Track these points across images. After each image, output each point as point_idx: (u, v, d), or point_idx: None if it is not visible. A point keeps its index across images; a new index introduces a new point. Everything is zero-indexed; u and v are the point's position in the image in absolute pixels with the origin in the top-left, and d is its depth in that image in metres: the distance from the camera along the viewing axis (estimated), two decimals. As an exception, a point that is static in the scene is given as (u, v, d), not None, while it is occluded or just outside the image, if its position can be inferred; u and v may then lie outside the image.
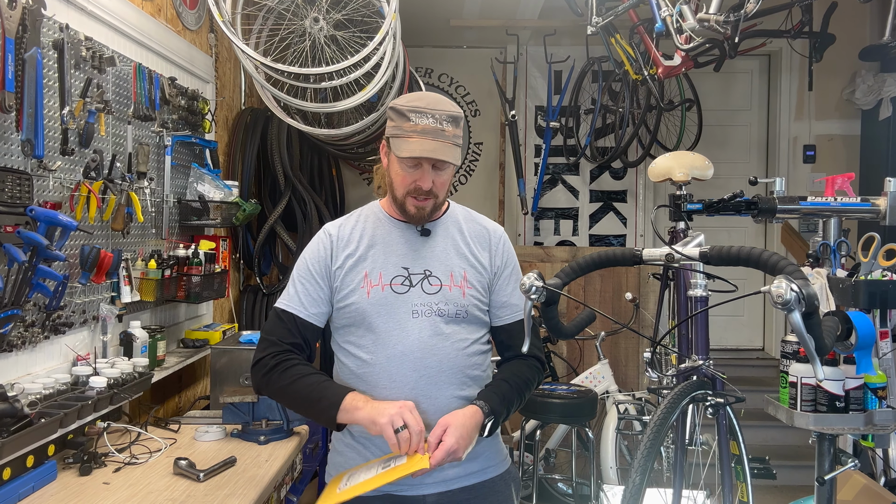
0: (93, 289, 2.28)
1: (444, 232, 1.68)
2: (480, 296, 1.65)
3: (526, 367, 1.67)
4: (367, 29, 3.48)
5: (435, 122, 1.53)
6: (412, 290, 1.60)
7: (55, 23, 2.06)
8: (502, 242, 1.72)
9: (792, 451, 4.44)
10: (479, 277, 1.65)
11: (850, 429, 1.90)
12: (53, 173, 2.04)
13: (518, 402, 1.64)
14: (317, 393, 1.53)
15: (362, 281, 1.60)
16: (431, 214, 1.63)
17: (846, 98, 5.35)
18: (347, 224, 1.69)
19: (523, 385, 1.65)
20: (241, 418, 2.29)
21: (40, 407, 1.83)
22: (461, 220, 1.72)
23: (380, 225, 1.68)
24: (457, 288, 1.61)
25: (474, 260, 1.66)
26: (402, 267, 1.62)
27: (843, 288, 1.94)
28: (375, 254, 1.63)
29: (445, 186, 1.62)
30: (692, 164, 2.84)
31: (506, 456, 1.73)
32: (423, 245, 1.65)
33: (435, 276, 1.62)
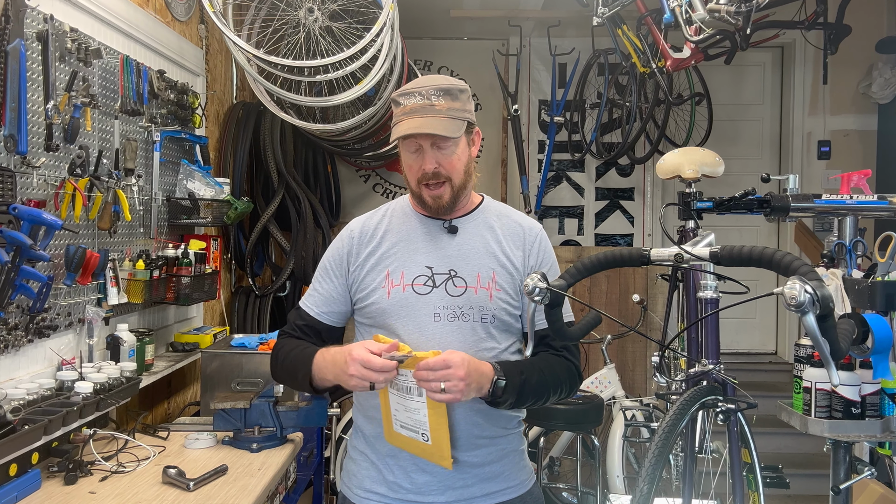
0: (78, 290, 2.28)
1: (473, 229, 1.63)
2: (511, 299, 1.59)
3: (556, 361, 1.60)
4: (363, 20, 3.48)
5: (422, 99, 1.53)
6: (435, 290, 1.56)
7: (39, 13, 2.06)
8: (538, 240, 1.65)
9: (806, 459, 4.44)
10: (509, 279, 1.59)
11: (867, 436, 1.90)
12: (37, 170, 2.04)
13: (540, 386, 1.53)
14: (295, 367, 1.57)
15: (384, 280, 1.58)
16: (454, 204, 1.59)
17: (862, 91, 5.35)
18: (373, 219, 1.68)
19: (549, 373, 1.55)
20: (232, 425, 2.29)
21: (24, 413, 1.83)
22: (493, 217, 1.66)
23: (406, 220, 1.65)
24: (483, 290, 1.56)
25: (505, 259, 1.60)
26: (426, 266, 1.58)
27: (859, 289, 1.94)
28: (399, 251, 1.60)
29: (457, 167, 1.56)
30: (702, 160, 2.84)
31: (529, 475, 1.68)
32: (450, 243, 1.60)
33: (460, 277, 1.57)
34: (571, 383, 1.62)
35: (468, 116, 1.57)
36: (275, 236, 3.99)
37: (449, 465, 1.47)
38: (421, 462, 1.55)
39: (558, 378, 1.58)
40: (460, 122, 1.54)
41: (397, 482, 1.57)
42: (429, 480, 1.55)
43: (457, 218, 1.63)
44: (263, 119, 3.94)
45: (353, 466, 1.66)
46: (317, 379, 1.53)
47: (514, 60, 5.40)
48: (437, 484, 1.55)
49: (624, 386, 3.81)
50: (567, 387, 1.61)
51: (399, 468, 1.57)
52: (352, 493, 1.63)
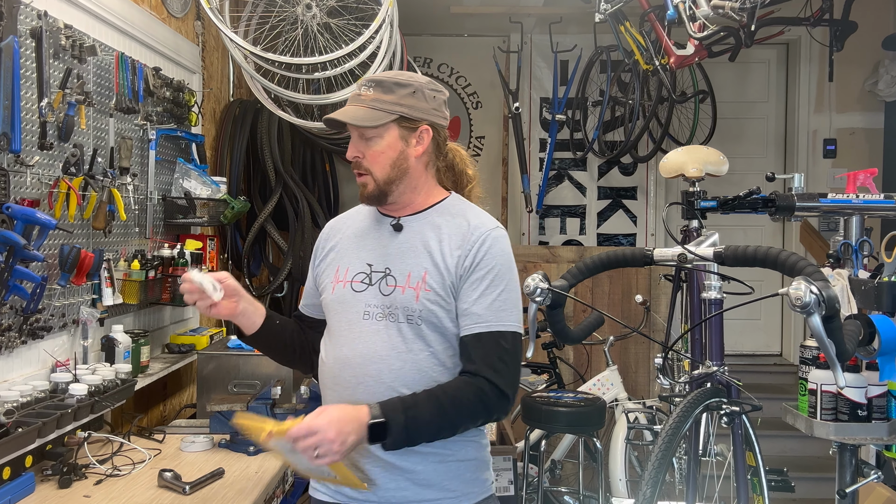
0: (73, 291, 2.28)
1: (417, 227, 1.60)
2: (441, 300, 1.51)
3: (464, 385, 1.47)
4: (362, 16, 3.48)
5: (356, 88, 1.59)
6: (369, 289, 1.56)
7: (33, 10, 2.06)
8: (481, 241, 1.54)
9: (812, 462, 4.44)
10: (440, 279, 1.52)
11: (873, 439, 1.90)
12: (31, 169, 2.04)
13: (440, 420, 1.44)
14: None
15: (333, 275, 1.63)
16: (382, 199, 1.58)
17: (868, 89, 5.35)
18: (344, 216, 1.75)
19: (449, 403, 1.44)
20: (229, 428, 2.29)
21: (17, 416, 1.83)
22: (446, 215, 1.60)
23: (365, 217, 1.68)
24: (411, 290, 1.52)
25: (440, 259, 1.53)
26: (367, 263, 1.59)
27: (865, 290, 1.94)
28: (348, 247, 1.65)
29: (379, 160, 1.55)
30: (706, 158, 2.84)
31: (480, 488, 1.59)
32: (392, 241, 1.60)
33: (392, 276, 1.55)
34: (487, 408, 1.48)
35: (402, 111, 1.55)
36: (272, 236, 3.98)
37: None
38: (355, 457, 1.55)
39: (465, 407, 1.46)
40: (382, 113, 1.54)
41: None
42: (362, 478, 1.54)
43: (406, 216, 1.62)
44: (261, 117, 3.94)
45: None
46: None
47: (515, 57, 5.40)
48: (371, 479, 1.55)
49: (627, 388, 3.81)
50: (482, 413, 1.49)
51: None
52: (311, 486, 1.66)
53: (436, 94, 1.62)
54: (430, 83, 1.62)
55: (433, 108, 1.60)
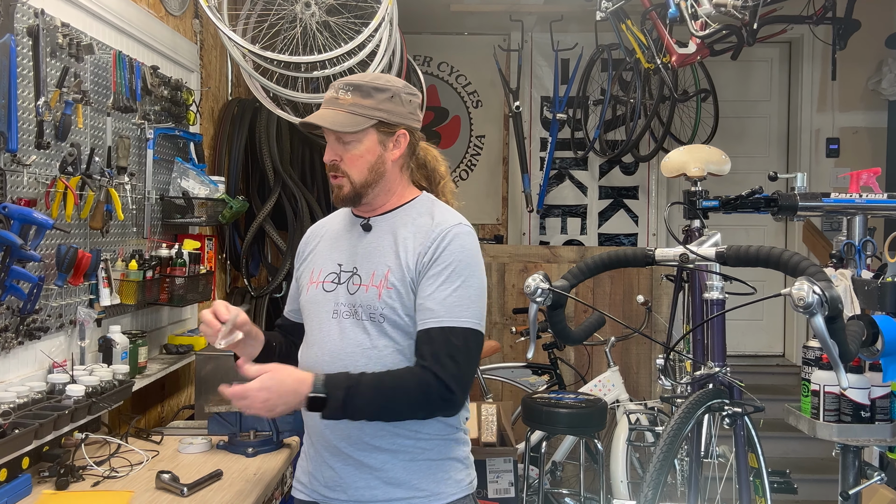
0: (70, 291, 2.28)
1: (385, 227, 1.63)
2: (403, 298, 1.54)
3: (409, 374, 1.49)
4: (361, 14, 3.47)
5: (332, 92, 1.60)
6: (339, 287, 1.61)
7: (30, 8, 2.06)
8: (441, 237, 1.54)
9: (814, 463, 4.44)
10: (401, 276, 1.54)
11: (877, 440, 1.90)
12: (28, 168, 2.04)
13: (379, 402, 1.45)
14: None
15: (308, 277, 1.67)
16: (357, 201, 1.62)
17: (872, 88, 5.35)
18: (325, 220, 1.79)
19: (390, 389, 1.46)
20: (227, 429, 2.29)
21: (14, 417, 1.83)
22: (414, 215, 1.62)
23: (339, 220, 1.73)
24: (374, 288, 1.56)
25: (403, 256, 1.56)
26: (337, 263, 1.64)
27: (868, 290, 1.94)
28: (323, 249, 1.69)
29: (357, 164, 1.58)
30: (708, 158, 2.85)
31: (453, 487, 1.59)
32: (361, 241, 1.64)
33: (358, 275, 1.60)
34: (429, 401, 1.48)
35: (381, 115, 1.57)
36: (271, 236, 3.98)
37: None
38: (329, 457, 1.59)
39: (406, 396, 1.47)
40: (362, 118, 1.56)
41: (314, 473, 1.63)
42: (331, 476, 1.59)
43: (376, 216, 1.65)
44: (259, 116, 3.94)
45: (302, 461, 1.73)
46: None
47: (515, 56, 5.40)
48: (339, 481, 1.58)
49: (628, 389, 3.81)
50: (423, 404, 1.49)
51: (318, 458, 1.62)
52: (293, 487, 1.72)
53: (412, 98, 1.64)
54: (407, 87, 1.64)
55: (409, 112, 1.63)
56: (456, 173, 5.74)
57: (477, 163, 5.74)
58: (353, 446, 1.56)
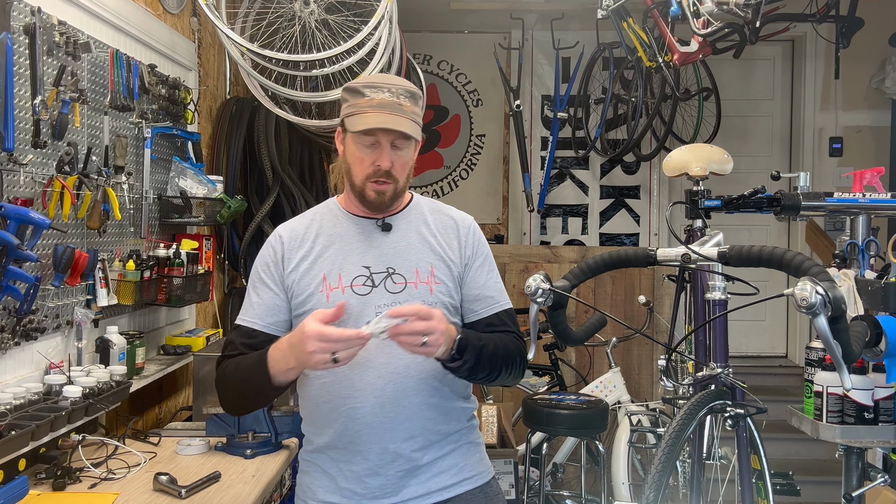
0: (67, 291, 2.28)
1: (407, 225, 1.66)
2: (451, 291, 1.62)
3: (509, 339, 1.62)
4: (361, 12, 3.47)
5: (392, 96, 1.56)
6: (375, 290, 1.58)
7: (26, 6, 2.06)
8: (472, 231, 1.69)
9: (817, 465, 4.44)
10: (447, 272, 1.62)
11: (880, 442, 1.90)
12: (24, 167, 2.04)
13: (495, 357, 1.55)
14: (249, 374, 1.52)
15: (320, 284, 1.59)
16: (392, 203, 1.63)
17: (875, 86, 5.35)
18: (301, 223, 1.69)
19: (502, 347, 1.58)
20: (225, 430, 2.29)
21: (10, 418, 1.83)
22: (426, 212, 1.69)
23: (337, 222, 1.67)
24: (423, 285, 1.59)
25: (442, 251, 1.63)
26: (363, 266, 1.60)
27: (872, 290, 1.94)
28: (333, 253, 1.62)
29: (406, 169, 1.61)
30: (710, 157, 2.84)
31: (488, 467, 1.70)
32: (385, 241, 1.63)
33: (399, 274, 1.60)
34: (521, 365, 1.64)
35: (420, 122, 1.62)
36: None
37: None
38: (374, 466, 1.56)
39: (511, 354, 1.60)
40: (419, 125, 1.59)
41: (350, 488, 1.58)
42: (383, 483, 1.57)
43: (390, 216, 1.66)
44: (258, 115, 3.94)
45: (305, 479, 1.66)
46: (276, 373, 1.48)
47: (516, 54, 5.40)
48: (391, 486, 1.57)
49: (629, 390, 3.81)
50: (518, 367, 1.63)
51: (352, 473, 1.58)
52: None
53: None
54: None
55: None
56: (456, 172, 5.75)
57: (477, 162, 5.74)
58: (414, 441, 1.56)
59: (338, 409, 1.57)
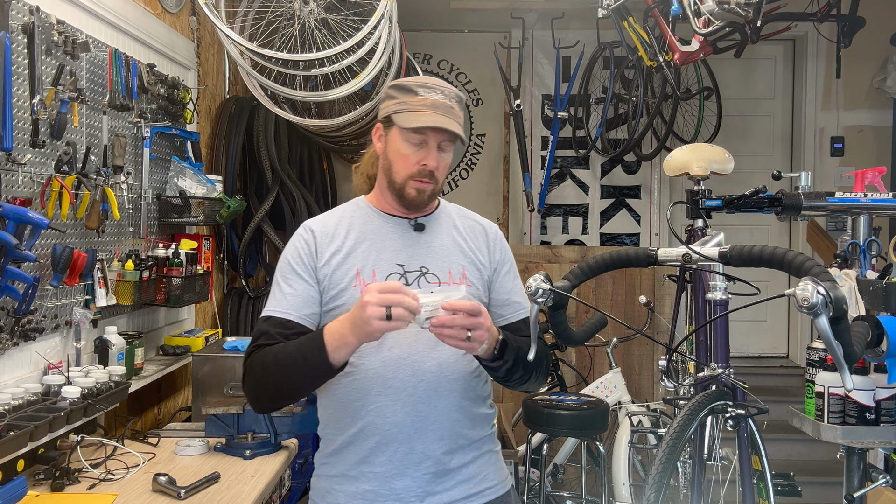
0: (65, 292, 2.28)
1: (438, 227, 1.68)
2: (481, 294, 1.65)
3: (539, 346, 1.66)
4: (360, 11, 3.48)
5: (445, 98, 1.59)
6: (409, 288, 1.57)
7: (25, 5, 2.06)
8: (499, 238, 1.74)
9: (819, 466, 4.44)
10: (478, 275, 1.65)
11: (882, 442, 1.90)
12: (23, 167, 2.04)
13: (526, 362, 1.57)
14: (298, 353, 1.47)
15: (353, 279, 1.58)
16: (428, 203, 1.65)
17: (877, 86, 5.35)
18: (330, 219, 1.68)
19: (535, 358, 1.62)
20: (225, 431, 2.29)
21: (9, 419, 1.83)
22: (454, 216, 1.73)
23: (368, 219, 1.67)
24: (456, 285, 1.61)
25: (472, 255, 1.67)
26: (397, 264, 1.61)
27: (873, 291, 1.94)
28: (366, 249, 1.62)
29: (445, 172, 1.64)
30: (711, 157, 2.84)
31: (507, 476, 1.71)
32: (418, 241, 1.65)
33: (432, 274, 1.61)
34: (547, 370, 1.70)
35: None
36: (269, 236, 3.98)
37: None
38: (401, 466, 1.54)
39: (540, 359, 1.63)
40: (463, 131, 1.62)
41: (374, 490, 1.55)
42: (408, 485, 1.55)
43: (422, 216, 1.68)
44: (257, 114, 3.94)
45: (323, 483, 1.63)
46: (334, 352, 1.43)
47: (516, 54, 5.40)
48: (417, 489, 1.55)
49: (630, 391, 3.81)
50: (544, 372, 1.68)
51: (374, 475, 1.56)
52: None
53: None
54: None
55: None
56: (456, 172, 5.75)
57: (477, 161, 5.74)
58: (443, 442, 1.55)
59: (366, 406, 1.54)
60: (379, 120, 1.65)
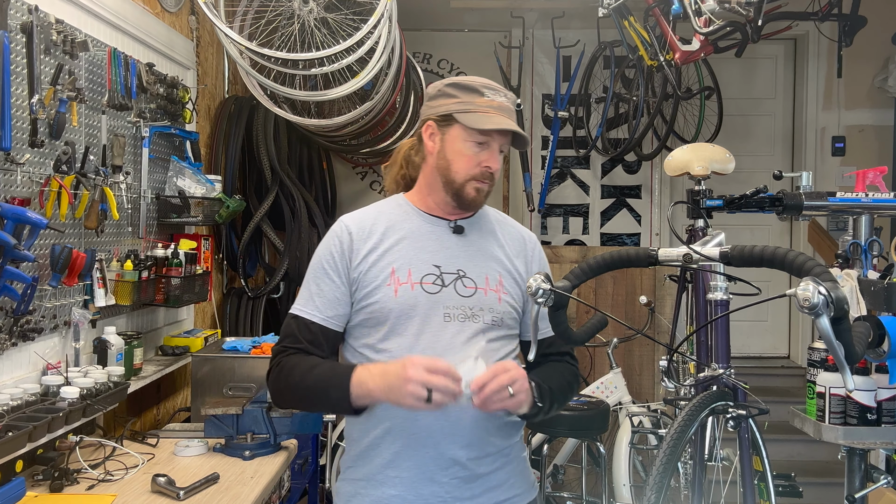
0: (64, 292, 2.28)
1: (477, 231, 1.66)
2: (516, 304, 1.64)
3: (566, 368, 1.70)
4: (360, 11, 3.48)
5: (508, 102, 1.61)
6: (444, 290, 1.56)
7: (24, 4, 2.06)
8: (537, 250, 1.73)
9: (820, 467, 4.44)
10: (513, 285, 1.64)
11: (883, 443, 1.90)
12: (21, 167, 2.04)
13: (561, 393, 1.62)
14: (324, 386, 1.50)
15: (388, 278, 1.56)
16: (483, 203, 1.65)
17: (878, 85, 5.35)
18: (368, 215, 1.65)
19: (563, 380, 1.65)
20: (224, 432, 2.29)
21: (7, 419, 1.83)
22: (493, 221, 1.71)
23: (407, 218, 1.64)
24: (493, 292, 1.60)
25: (510, 265, 1.65)
26: (434, 265, 1.58)
27: (874, 291, 1.94)
28: (403, 248, 1.59)
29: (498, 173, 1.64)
30: (712, 156, 2.84)
31: (534, 483, 1.70)
32: (457, 243, 1.63)
33: (469, 278, 1.59)
34: (577, 388, 1.73)
35: None
36: (268, 236, 3.98)
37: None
38: (429, 471, 1.52)
39: (570, 384, 1.68)
40: None
41: (400, 495, 1.54)
42: (436, 491, 1.53)
43: (462, 219, 1.66)
44: (256, 114, 3.94)
45: (348, 487, 1.61)
46: (357, 400, 1.47)
47: (516, 53, 5.40)
48: (445, 495, 1.53)
49: (630, 391, 3.81)
50: (575, 392, 1.72)
51: (400, 480, 1.53)
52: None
53: None
54: None
55: None
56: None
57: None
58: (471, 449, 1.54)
59: (395, 408, 1.49)
60: (432, 118, 1.61)
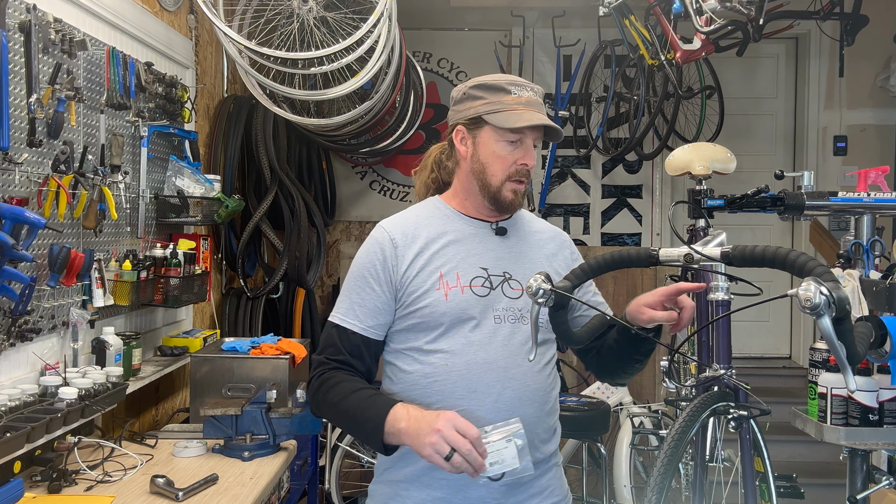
0: (62, 292, 2.28)
1: (518, 232, 1.67)
2: None
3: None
4: (359, 10, 3.48)
5: (536, 95, 1.60)
6: (493, 292, 1.57)
7: (22, 3, 2.06)
8: (573, 247, 1.75)
9: (821, 467, 4.44)
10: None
11: (885, 444, 1.90)
12: (20, 166, 2.04)
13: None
14: (360, 415, 1.48)
15: (437, 282, 1.55)
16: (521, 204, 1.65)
17: (880, 85, 5.35)
18: (409, 220, 1.63)
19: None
20: (223, 432, 2.29)
21: (5, 420, 1.83)
22: (528, 221, 1.72)
23: (448, 221, 1.63)
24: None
25: (550, 263, 1.66)
26: (481, 268, 1.58)
27: (876, 291, 1.94)
28: (450, 252, 1.58)
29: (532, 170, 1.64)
30: (713, 156, 2.84)
31: (568, 490, 1.70)
32: (500, 245, 1.63)
33: (515, 280, 1.59)
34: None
35: None
36: (267, 236, 3.99)
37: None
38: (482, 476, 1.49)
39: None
40: None
41: (446, 498, 1.52)
42: (482, 495, 1.52)
43: (503, 221, 1.66)
44: (255, 113, 3.94)
45: (386, 489, 1.58)
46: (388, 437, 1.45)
47: (516, 52, 5.40)
48: (491, 500, 1.52)
49: (631, 392, 3.81)
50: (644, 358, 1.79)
51: (447, 482, 1.52)
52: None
53: None
54: None
55: None
56: (456, 172, 5.75)
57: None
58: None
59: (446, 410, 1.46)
60: (461, 123, 1.61)
